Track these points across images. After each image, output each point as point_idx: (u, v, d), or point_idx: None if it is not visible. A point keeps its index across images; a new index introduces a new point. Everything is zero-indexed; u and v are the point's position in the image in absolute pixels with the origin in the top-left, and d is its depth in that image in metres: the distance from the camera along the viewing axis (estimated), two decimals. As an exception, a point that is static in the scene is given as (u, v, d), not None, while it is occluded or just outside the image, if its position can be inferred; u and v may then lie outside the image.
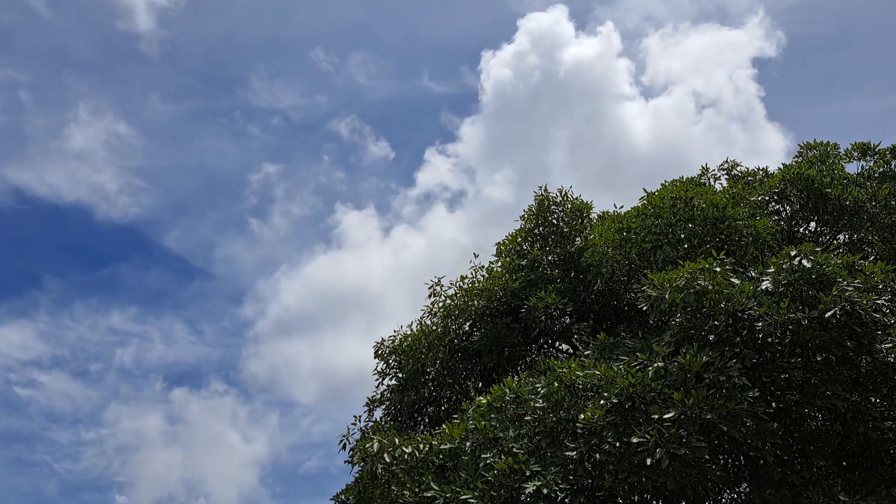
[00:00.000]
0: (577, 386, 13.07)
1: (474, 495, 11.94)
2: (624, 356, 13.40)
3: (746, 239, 16.81)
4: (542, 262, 19.71)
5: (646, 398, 12.17)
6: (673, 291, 13.40)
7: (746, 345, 13.05)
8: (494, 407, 13.71)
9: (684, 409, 11.72)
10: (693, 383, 12.31)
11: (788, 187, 19.66)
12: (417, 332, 19.50)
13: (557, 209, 20.46)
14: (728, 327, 13.13)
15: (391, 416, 19.62)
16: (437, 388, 19.30)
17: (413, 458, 13.42)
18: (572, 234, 20.11)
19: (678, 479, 11.81)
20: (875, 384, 13.31)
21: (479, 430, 13.19)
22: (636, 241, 17.38)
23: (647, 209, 17.76)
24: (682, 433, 11.59)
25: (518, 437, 12.84)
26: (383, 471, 13.95)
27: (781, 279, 13.30)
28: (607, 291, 18.52)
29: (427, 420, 19.40)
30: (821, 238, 20.07)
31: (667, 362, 12.63)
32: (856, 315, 12.58)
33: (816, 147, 21.50)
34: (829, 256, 13.34)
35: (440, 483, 12.66)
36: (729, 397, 12.05)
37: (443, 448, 13.29)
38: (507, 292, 18.91)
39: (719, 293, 13.08)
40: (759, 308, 12.79)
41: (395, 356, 19.71)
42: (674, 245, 16.93)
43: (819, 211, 19.68)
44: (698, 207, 17.04)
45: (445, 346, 19.06)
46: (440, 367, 18.93)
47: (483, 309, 18.98)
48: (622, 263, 17.71)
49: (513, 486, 11.99)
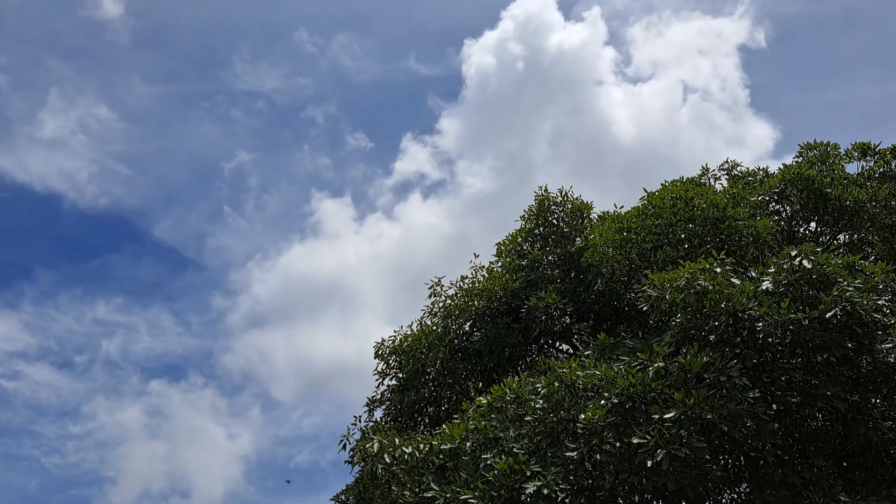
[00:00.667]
0: (577, 386, 13.07)
1: (474, 495, 11.94)
2: (624, 356, 13.40)
3: (747, 239, 16.81)
4: (542, 262, 19.71)
5: (646, 398, 12.17)
6: (673, 291, 13.40)
7: (747, 345, 13.05)
8: (495, 407, 13.70)
9: (685, 410, 11.72)
10: (693, 383, 12.31)
11: (788, 187, 19.67)
12: (417, 333, 19.50)
13: (557, 209, 20.47)
14: (728, 327, 13.12)
15: (391, 416, 19.62)
16: (437, 389, 19.29)
17: (413, 459, 13.42)
18: (572, 235, 20.11)
19: (678, 480, 11.81)
20: (875, 384, 13.31)
21: (479, 430, 13.19)
22: (636, 241, 17.38)
23: (647, 209, 17.76)
24: (682, 433, 11.59)
25: (518, 437, 12.84)
26: (383, 471, 13.95)
27: (782, 279, 13.30)
28: (607, 291, 18.51)
29: (427, 420, 19.40)
30: (821, 238, 20.07)
31: (667, 362, 12.63)
32: (856, 315, 12.58)
33: (816, 147, 21.49)
34: (829, 256, 13.34)
35: (440, 483, 12.66)
36: (729, 398, 12.04)
37: (443, 448, 13.28)
38: (507, 292, 18.91)
39: (720, 293, 13.08)
40: (759, 308, 12.79)
41: (396, 356, 19.71)
42: (674, 245, 16.93)
43: (819, 211, 19.68)
44: (699, 207, 17.05)
45: (446, 346, 19.05)
46: (440, 367, 18.92)
47: (483, 309, 18.97)
48: (622, 263, 17.71)
49: (513, 487, 11.99)
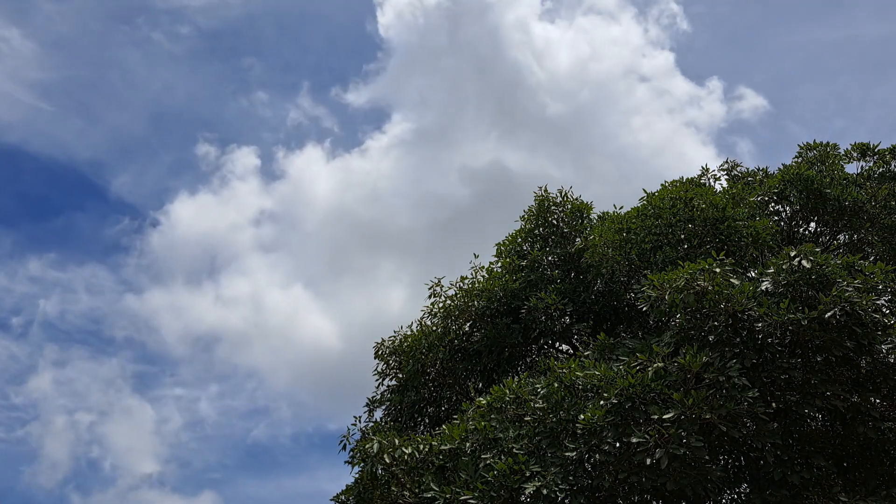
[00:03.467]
0: (577, 386, 13.08)
1: (474, 496, 11.94)
2: (624, 356, 13.40)
3: (746, 239, 16.83)
4: (542, 262, 19.71)
5: (646, 398, 12.18)
6: (673, 292, 13.41)
7: (746, 345, 13.05)
8: (494, 407, 13.71)
9: (684, 410, 11.72)
10: (693, 384, 12.32)
11: (788, 188, 19.69)
12: (417, 333, 19.50)
13: (557, 209, 20.47)
14: (728, 328, 13.13)
15: (391, 416, 19.62)
16: (437, 389, 19.30)
17: (413, 459, 13.42)
18: (572, 235, 20.12)
19: (678, 480, 11.82)
20: (875, 385, 13.31)
21: (479, 430, 13.19)
22: (636, 241, 17.40)
23: (646, 210, 17.78)
24: (681, 433, 11.60)
25: (518, 437, 12.85)
26: (383, 471, 13.96)
27: (781, 280, 13.31)
28: (607, 292, 18.53)
29: (427, 421, 19.40)
30: (821, 238, 20.08)
31: (667, 363, 12.64)
32: (856, 316, 12.59)
33: (816, 147, 21.50)
34: (828, 257, 13.36)
35: (440, 484, 12.66)
36: (729, 398, 12.05)
37: (443, 449, 13.29)
38: (507, 293, 18.91)
39: (719, 294, 13.09)
40: (758, 309, 12.80)
41: (395, 356, 19.70)
42: (674, 245, 16.94)
43: (819, 211, 19.70)
44: (698, 208, 17.06)
45: (445, 346, 19.05)
46: (440, 367, 18.92)
47: (483, 309, 18.97)
48: (622, 264, 17.73)
49: (513, 487, 12.00)
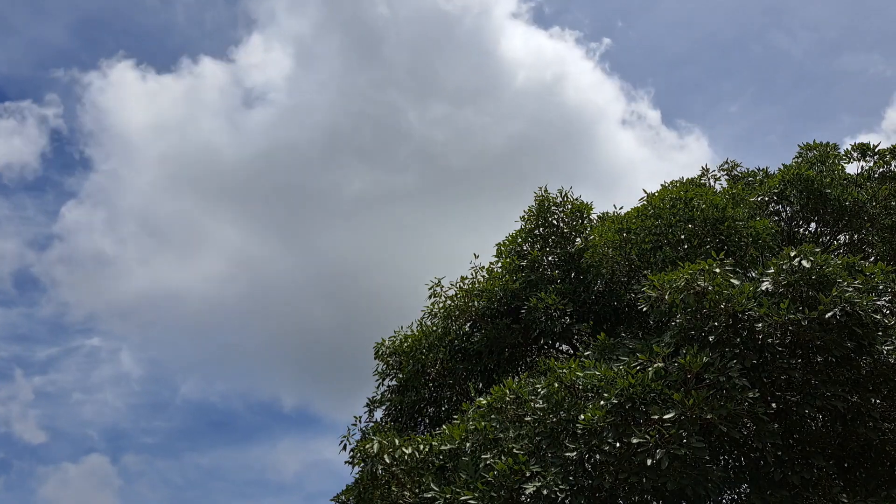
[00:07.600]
0: (577, 387, 13.07)
1: (474, 496, 11.94)
2: (624, 357, 13.40)
3: (746, 240, 16.83)
4: (542, 262, 19.69)
5: (646, 399, 12.18)
6: (673, 292, 13.41)
7: (746, 345, 13.05)
8: (494, 408, 13.70)
9: (684, 410, 11.73)
10: (693, 384, 12.32)
11: (788, 188, 19.69)
12: (417, 333, 19.50)
13: (557, 210, 20.44)
14: (728, 328, 13.13)
15: (391, 416, 19.62)
16: (437, 389, 19.30)
17: (413, 459, 13.42)
18: (572, 235, 20.10)
19: (678, 480, 11.81)
20: (875, 385, 13.30)
21: (479, 430, 13.19)
22: (636, 241, 17.40)
23: (646, 210, 17.79)
24: (682, 434, 11.60)
25: (518, 437, 12.85)
26: (383, 472, 13.95)
27: (781, 280, 13.31)
28: (607, 292, 18.52)
29: (427, 421, 19.41)
30: (821, 239, 20.09)
31: (667, 363, 12.64)
32: (856, 316, 12.59)
33: (816, 147, 21.50)
34: (828, 257, 13.35)
35: (440, 484, 12.66)
36: (729, 398, 12.05)
37: (443, 449, 13.29)
38: (507, 293, 18.90)
39: (719, 294, 13.08)
40: (759, 309, 12.79)
41: (396, 357, 19.70)
42: (674, 246, 16.94)
43: (819, 211, 19.71)
44: (698, 208, 17.06)
45: (446, 346, 19.06)
46: (440, 367, 18.92)
47: (483, 310, 18.97)
48: (622, 264, 17.73)
49: (513, 487, 12.00)
